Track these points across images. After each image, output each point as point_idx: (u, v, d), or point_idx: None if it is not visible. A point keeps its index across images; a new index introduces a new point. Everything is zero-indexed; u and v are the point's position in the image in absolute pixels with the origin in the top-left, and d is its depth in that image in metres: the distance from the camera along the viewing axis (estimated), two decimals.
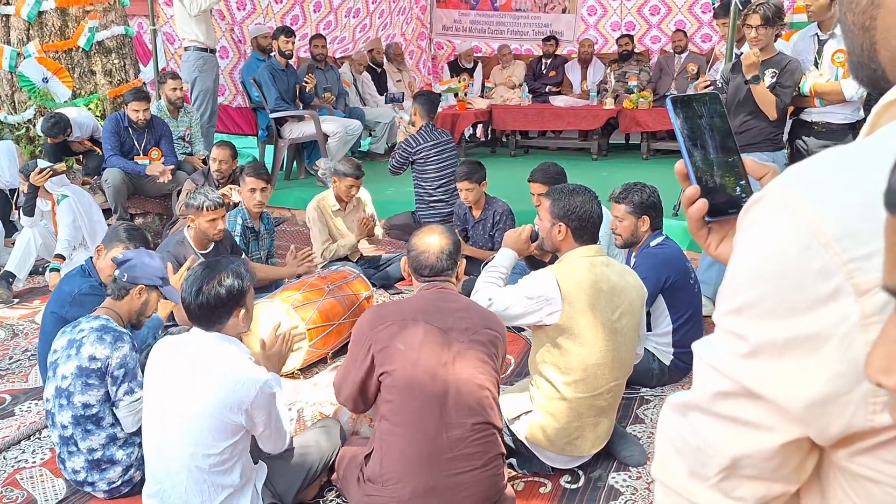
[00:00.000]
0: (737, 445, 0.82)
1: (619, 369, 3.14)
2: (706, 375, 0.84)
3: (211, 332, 2.72)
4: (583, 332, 3.02)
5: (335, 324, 4.38)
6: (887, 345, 0.59)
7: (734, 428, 0.82)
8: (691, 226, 1.02)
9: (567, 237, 3.17)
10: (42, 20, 7.38)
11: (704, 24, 10.67)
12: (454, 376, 2.66)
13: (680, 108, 1.02)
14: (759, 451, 0.81)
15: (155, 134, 6.72)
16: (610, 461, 3.37)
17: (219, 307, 2.69)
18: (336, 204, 5.71)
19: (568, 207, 3.15)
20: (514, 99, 10.15)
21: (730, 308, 0.81)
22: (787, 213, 0.75)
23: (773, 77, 4.81)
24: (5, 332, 4.99)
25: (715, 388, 0.82)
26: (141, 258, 3.24)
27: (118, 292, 3.19)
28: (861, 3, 0.79)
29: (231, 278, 2.72)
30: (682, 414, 0.88)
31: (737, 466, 0.83)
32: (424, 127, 6.34)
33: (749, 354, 0.78)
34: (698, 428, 0.85)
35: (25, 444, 3.58)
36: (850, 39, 0.82)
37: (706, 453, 0.85)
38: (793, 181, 0.77)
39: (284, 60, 8.22)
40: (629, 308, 3.13)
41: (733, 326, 0.80)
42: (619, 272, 3.19)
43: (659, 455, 0.93)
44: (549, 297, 3.02)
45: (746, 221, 0.81)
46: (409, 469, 2.64)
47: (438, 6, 12.41)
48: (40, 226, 5.91)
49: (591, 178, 7.49)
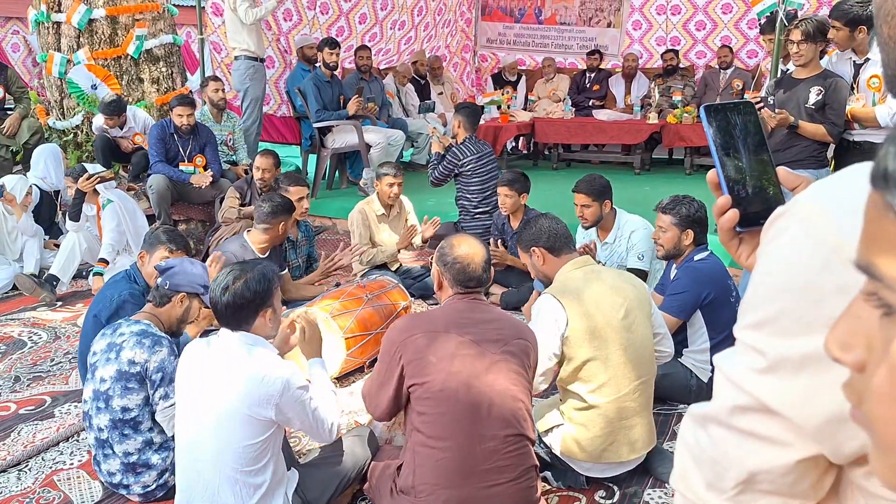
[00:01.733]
0: (754, 460, 0.82)
1: (641, 366, 3.12)
2: (725, 389, 0.84)
3: (237, 332, 2.73)
4: (592, 337, 3.02)
5: (373, 333, 4.38)
6: (850, 321, 0.58)
7: (751, 442, 0.82)
8: (722, 236, 1.01)
9: (547, 258, 3.28)
10: (92, 28, 7.53)
11: (750, 39, 10.56)
12: (488, 388, 2.64)
13: (713, 117, 1.00)
14: (776, 467, 0.81)
15: (200, 141, 6.80)
16: (646, 477, 3.33)
17: (245, 307, 2.71)
18: (381, 209, 5.73)
19: (532, 234, 3.32)
20: (557, 112, 10.11)
21: (749, 322, 0.81)
22: (808, 228, 0.75)
23: (819, 95, 4.74)
24: (48, 335, 5.07)
25: (733, 402, 0.83)
26: (183, 266, 3.25)
27: (160, 300, 3.21)
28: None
29: (257, 279, 2.74)
30: (702, 425, 0.88)
31: (753, 481, 0.83)
32: (468, 139, 6.32)
33: (766, 370, 0.78)
34: (717, 440, 0.85)
35: (63, 446, 3.63)
36: (885, 52, 0.80)
37: (723, 466, 0.85)
38: (816, 196, 0.77)
39: (329, 72, 8.28)
40: (633, 304, 3.13)
41: (752, 341, 0.80)
42: (613, 275, 3.26)
43: (678, 465, 0.93)
44: (554, 314, 3.04)
45: (769, 235, 0.81)
46: (443, 481, 2.62)
47: (483, 19, 12.43)
48: (85, 230, 6.00)
49: (633, 193, 7.48)
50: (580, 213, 4.89)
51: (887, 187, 0.52)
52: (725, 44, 10.31)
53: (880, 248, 0.53)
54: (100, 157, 6.97)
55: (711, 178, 1.01)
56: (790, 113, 4.76)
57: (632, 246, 4.87)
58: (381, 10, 10.69)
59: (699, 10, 10.98)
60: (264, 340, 2.78)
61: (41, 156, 6.64)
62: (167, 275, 3.20)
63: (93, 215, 5.99)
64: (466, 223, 6.29)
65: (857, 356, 0.57)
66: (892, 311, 0.53)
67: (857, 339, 0.57)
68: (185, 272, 3.23)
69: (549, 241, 3.27)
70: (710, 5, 10.87)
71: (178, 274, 3.21)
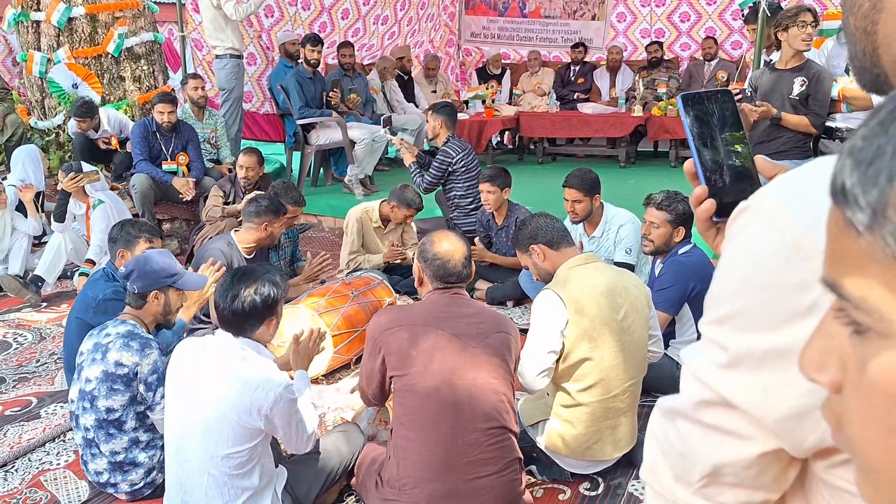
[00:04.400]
0: (718, 453, 0.83)
1: (632, 368, 3.11)
2: (690, 383, 0.85)
3: (238, 338, 2.71)
4: (590, 337, 3.01)
5: (359, 330, 4.38)
6: (822, 340, 0.57)
7: (715, 436, 0.82)
8: (700, 226, 1.01)
9: (547, 254, 3.24)
10: (72, 26, 7.49)
11: (735, 31, 10.58)
12: (469, 381, 2.65)
13: (691, 106, 1.00)
14: (739, 460, 0.82)
15: (182, 139, 6.78)
16: (630, 469, 3.34)
17: (253, 315, 2.70)
18: (379, 221, 5.71)
19: (529, 232, 3.29)
20: (541, 106, 10.12)
21: (713, 317, 0.81)
22: (770, 224, 0.75)
23: (803, 86, 4.76)
24: (33, 336, 5.05)
25: (697, 397, 0.83)
26: (141, 267, 3.18)
27: (136, 302, 3.19)
28: (863, 7, 0.78)
29: (268, 287, 2.73)
30: (670, 419, 0.89)
31: (718, 473, 0.84)
32: (452, 138, 6.30)
33: (728, 365, 0.79)
34: (683, 434, 0.86)
35: (50, 447, 3.62)
36: (853, 44, 0.81)
37: (690, 459, 0.86)
38: (779, 191, 0.77)
39: (311, 68, 8.25)
40: (633, 306, 3.11)
41: (715, 336, 0.81)
42: (614, 273, 3.21)
43: (648, 458, 0.94)
44: (554, 310, 3.02)
45: (733, 230, 0.81)
46: (426, 474, 2.63)
47: (467, 13, 12.42)
48: (72, 230, 5.96)
49: (618, 186, 7.49)
50: (571, 209, 4.87)
51: (847, 203, 0.51)
52: (710, 35, 10.34)
53: (845, 266, 0.52)
54: (78, 159, 6.91)
55: (689, 168, 1.01)
56: (773, 104, 4.77)
57: (620, 240, 4.86)
58: (364, 6, 10.66)
59: (683, 1, 10.99)
60: (263, 347, 2.77)
61: (19, 158, 6.58)
62: (131, 280, 3.16)
63: (81, 214, 5.94)
64: (459, 220, 6.25)
65: (833, 376, 0.56)
66: (861, 330, 0.52)
67: (830, 357, 0.56)
68: (145, 273, 3.16)
69: (548, 236, 3.24)
70: None
71: (140, 276, 3.15)
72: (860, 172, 0.49)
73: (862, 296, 0.51)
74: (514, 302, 5.51)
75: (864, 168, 0.49)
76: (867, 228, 0.49)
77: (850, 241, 0.51)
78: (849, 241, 0.51)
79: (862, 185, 0.49)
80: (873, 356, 0.51)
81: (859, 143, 0.51)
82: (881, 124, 0.50)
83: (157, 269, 3.20)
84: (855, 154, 0.51)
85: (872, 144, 0.50)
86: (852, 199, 0.50)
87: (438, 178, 6.25)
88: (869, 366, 0.51)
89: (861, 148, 0.50)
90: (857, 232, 0.50)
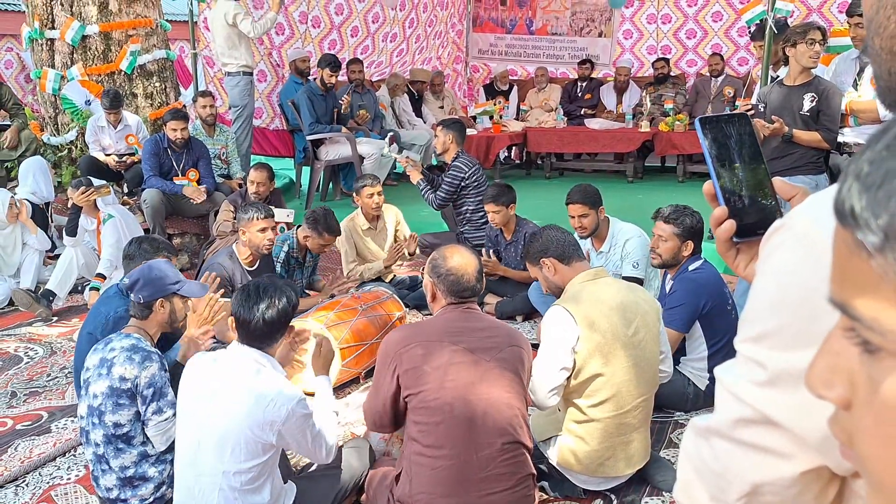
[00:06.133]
0: (757, 472, 0.82)
1: (643, 384, 3.10)
2: (727, 401, 0.84)
3: (252, 350, 2.71)
4: (602, 353, 3.00)
5: (368, 343, 4.39)
6: (828, 357, 0.58)
7: (754, 455, 0.82)
8: (719, 246, 1.02)
9: (558, 268, 3.22)
10: (86, 44, 7.55)
11: (741, 47, 10.61)
12: (483, 396, 2.65)
13: (709, 129, 1.01)
14: (780, 479, 0.81)
15: (193, 155, 6.82)
16: (643, 486, 3.33)
17: (275, 327, 2.72)
18: (366, 223, 5.75)
19: (541, 245, 3.26)
20: (549, 122, 10.15)
21: (749, 335, 0.81)
22: (805, 242, 0.75)
23: (813, 101, 4.76)
24: (44, 350, 5.06)
25: (735, 415, 0.83)
26: (146, 275, 3.19)
27: (142, 312, 3.20)
28: (889, 28, 0.78)
29: (286, 299, 2.75)
30: (705, 438, 0.88)
31: (757, 493, 0.83)
32: (462, 153, 6.32)
33: (767, 383, 0.78)
34: (719, 453, 0.85)
35: (61, 461, 3.62)
36: (877, 64, 0.80)
37: (727, 479, 0.85)
38: (812, 210, 0.77)
39: (324, 87, 8.31)
40: (644, 322, 3.10)
41: (753, 353, 0.80)
42: (626, 288, 3.19)
43: (681, 477, 0.93)
44: (565, 325, 3.01)
45: (768, 249, 0.81)
46: (440, 490, 2.62)
47: (475, 30, 12.48)
48: (83, 244, 5.99)
49: (626, 201, 7.51)
50: (578, 224, 4.87)
51: (857, 226, 0.51)
52: (716, 51, 10.35)
53: (855, 286, 0.53)
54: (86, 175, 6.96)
55: (708, 189, 1.02)
56: (785, 121, 4.77)
57: (626, 254, 4.87)
58: (373, 23, 10.73)
59: (689, 18, 11.04)
60: (274, 360, 2.77)
61: (29, 170, 6.62)
62: (136, 290, 3.17)
63: (92, 230, 5.97)
64: (471, 234, 6.25)
65: (841, 393, 0.56)
66: (872, 349, 0.52)
67: (837, 375, 0.56)
68: (150, 281, 3.17)
69: (559, 250, 3.22)
70: (701, 14, 10.93)
71: (146, 285, 3.16)
72: (869, 196, 0.50)
73: (874, 316, 0.51)
74: (524, 317, 5.52)
75: (874, 192, 0.50)
76: (879, 251, 0.50)
77: (860, 263, 0.51)
78: (859, 263, 0.52)
79: (872, 208, 0.50)
80: (886, 376, 0.51)
81: (866, 167, 0.51)
82: (888, 148, 0.51)
83: (161, 276, 3.20)
84: (863, 178, 0.51)
85: (881, 168, 0.50)
86: (863, 222, 0.50)
87: (451, 193, 6.24)
88: (882, 386, 0.51)
89: (869, 172, 0.51)
90: (868, 254, 0.50)
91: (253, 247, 4.61)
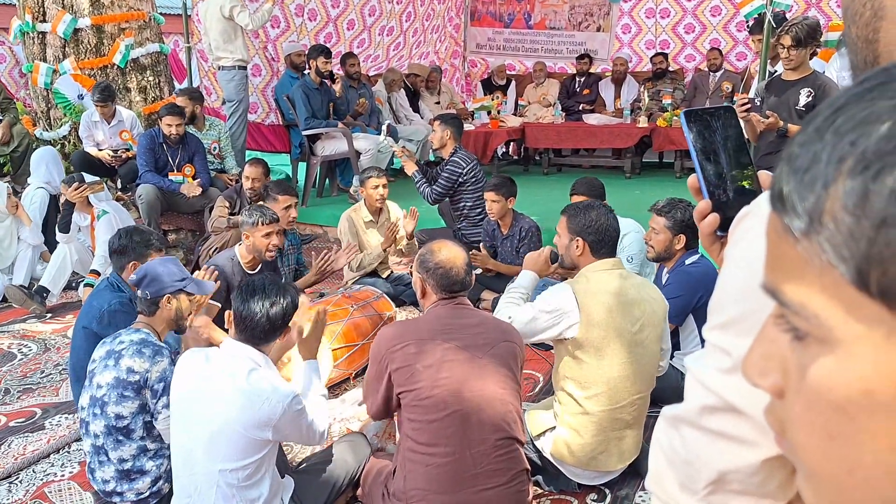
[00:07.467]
0: (723, 460, 0.83)
1: (641, 382, 3.10)
2: (695, 389, 0.85)
3: (247, 348, 2.70)
4: (602, 345, 3.00)
5: (359, 344, 4.38)
6: (763, 345, 0.57)
7: (720, 442, 0.82)
8: (704, 240, 1.02)
9: (585, 252, 3.17)
10: (78, 37, 7.50)
11: (739, 42, 10.59)
12: (477, 393, 2.64)
13: (694, 122, 1.00)
14: (744, 466, 0.81)
15: (188, 150, 6.79)
16: (637, 480, 3.32)
17: (276, 325, 2.72)
18: (369, 216, 5.72)
19: (584, 222, 3.16)
20: (547, 117, 10.13)
21: (716, 323, 0.82)
22: None
23: (809, 97, 4.74)
24: (38, 347, 5.04)
25: (702, 403, 0.83)
26: (154, 270, 3.19)
27: (149, 308, 3.18)
28: (864, 16, 0.78)
29: (290, 298, 2.76)
30: (675, 427, 0.89)
31: (723, 481, 0.84)
32: (459, 149, 6.31)
33: (732, 370, 0.79)
34: (688, 441, 0.86)
35: (54, 458, 3.61)
36: (854, 53, 0.81)
37: (695, 467, 0.86)
38: None
39: (318, 79, 8.26)
40: (649, 320, 3.09)
41: (719, 341, 0.81)
42: (637, 285, 3.17)
43: (653, 467, 0.94)
44: (566, 309, 3.01)
45: (736, 236, 0.82)
46: (434, 486, 2.62)
47: (472, 24, 12.45)
48: (77, 241, 5.96)
49: (624, 197, 7.48)
50: None
51: (784, 210, 0.51)
52: (714, 46, 10.35)
53: (784, 272, 0.52)
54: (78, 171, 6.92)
55: (692, 182, 1.01)
56: (781, 116, 4.76)
57: (622, 249, 4.86)
58: (370, 17, 10.68)
59: (688, 13, 11.02)
60: (266, 357, 2.77)
61: (42, 160, 6.56)
62: (143, 285, 3.16)
63: (86, 226, 5.95)
64: (468, 230, 6.25)
65: (774, 381, 0.55)
66: (801, 336, 0.52)
67: (772, 363, 0.56)
68: (157, 277, 3.17)
69: (598, 238, 3.15)
70: (699, 8, 10.91)
71: (153, 281, 3.16)
72: (797, 179, 0.50)
73: (801, 301, 0.50)
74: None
75: (801, 175, 0.49)
76: (804, 235, 0.49)
77: (788, 248, 0.51)
78: (787, 248, 0.51)
79: (799, 191, 0.49)
80: (812, 362, 0.51)
81: (796, 149, 0.51)
82: (817, 131, 0.50)
83: (168, 272, 3.20)
84: (792, 161, 0.51)
85: (809, 151, 0.50)
86: (790, 205, 0.50)
87: (448, 188, 6.24)
88: (808, 372, 0.51)
89: (798, 155, 0.50)
90: (794, 238, 0.50)
91: (256, 251, 4.58)
